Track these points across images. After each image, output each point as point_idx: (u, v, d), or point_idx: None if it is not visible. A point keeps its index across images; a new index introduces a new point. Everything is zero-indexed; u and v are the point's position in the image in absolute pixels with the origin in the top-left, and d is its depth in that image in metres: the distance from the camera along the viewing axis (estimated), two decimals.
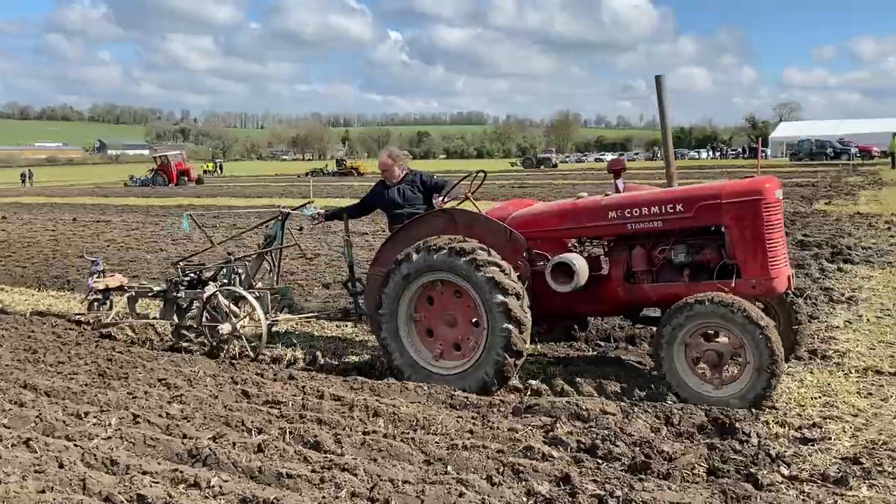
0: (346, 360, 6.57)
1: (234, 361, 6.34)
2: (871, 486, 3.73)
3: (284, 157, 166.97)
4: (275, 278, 7.33)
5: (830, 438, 4.39)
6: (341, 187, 39.02)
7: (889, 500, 3.56)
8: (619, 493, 3.52)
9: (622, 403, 4.88)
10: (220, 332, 6.58)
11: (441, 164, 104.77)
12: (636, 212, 5.45)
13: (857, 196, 22.48)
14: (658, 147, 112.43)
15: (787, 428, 4.55)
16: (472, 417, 4.74)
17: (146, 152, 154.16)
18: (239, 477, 3.90)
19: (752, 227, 5.16)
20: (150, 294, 7.68)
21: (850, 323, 7.18)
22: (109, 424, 4.66)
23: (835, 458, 4.12)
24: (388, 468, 3.94)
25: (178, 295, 7.30)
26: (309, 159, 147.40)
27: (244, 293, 6.76)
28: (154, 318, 7.64)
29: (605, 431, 4.32)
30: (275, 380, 5.77)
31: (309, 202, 7.49)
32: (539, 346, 6.64)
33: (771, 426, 4.59)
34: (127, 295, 7.67)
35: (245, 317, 6.76)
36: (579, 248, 5.88)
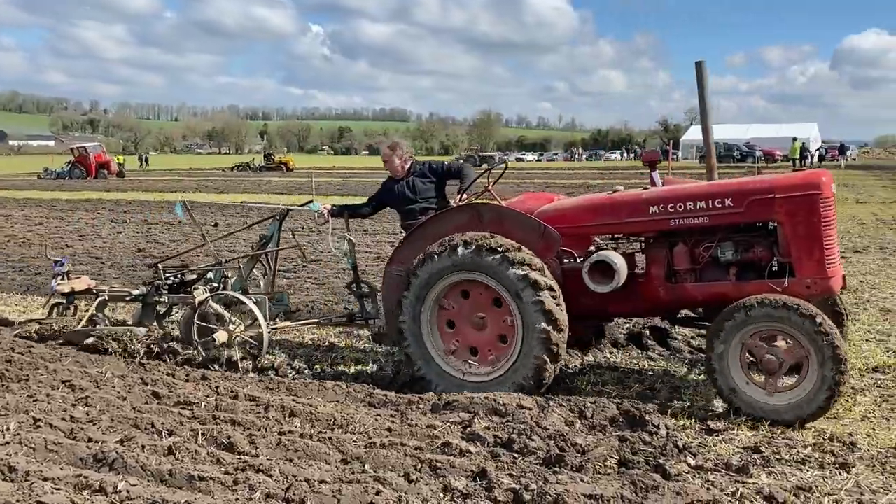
0: (262, 359, 6.43)
1: (143, 362, 6.09)
2: (770, 473, 3.93)
3: (199, 150, 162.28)
4: (270, 282, 6.80)
5: (733, 429, 4.59)
6: (259, 182, 38.27)
7: (786, 485, 3.75)
8: (533, 486, 3.58)
9: (538, 398, 4.96)
10: (215, 341, 6.05)
11: (364, 160, 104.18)
12: (680, 206, 5.12)
13: None
14: (577, 148, 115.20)
15: (693, 420, 4.74)
16: (391, 415, 4.73)
17: (52, 143, 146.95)
18: (148, 481, 3.76)
19: (807, 223, 4.85)
20: (127, 298, 6.90)
21: None
22: (7, 429, 4.41)
23: (737, 447, 4.32)
24: (305, 468, 3.88)
25: (161, 299, 6.65)
26: (226, 153, 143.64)
27: (244, 298, 6.23)
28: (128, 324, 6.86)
29: (522, 426, 4.39)
30: (186, 380, 5.60)
31: (311, 200, 6.98)
32: None
33: (679, 418, 4.77)
34: (99, 299, 6.87)
35: (241, 324, 6.22)
36: (613, 245, 5.61)
